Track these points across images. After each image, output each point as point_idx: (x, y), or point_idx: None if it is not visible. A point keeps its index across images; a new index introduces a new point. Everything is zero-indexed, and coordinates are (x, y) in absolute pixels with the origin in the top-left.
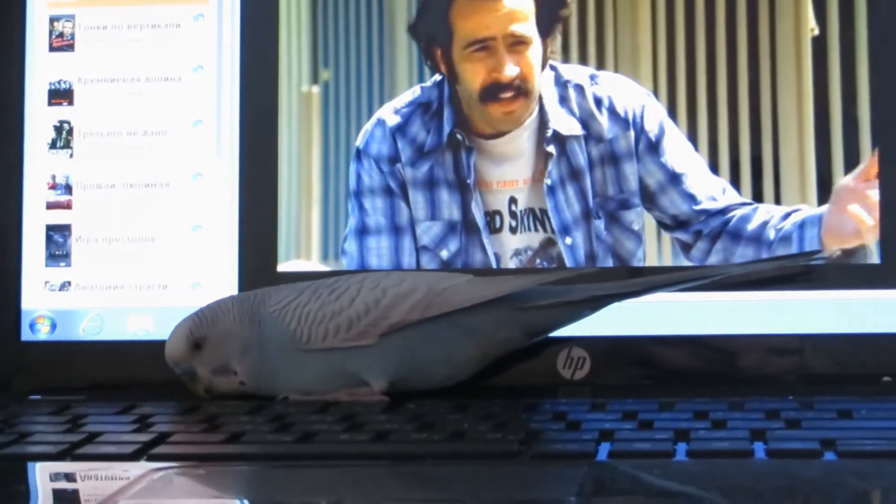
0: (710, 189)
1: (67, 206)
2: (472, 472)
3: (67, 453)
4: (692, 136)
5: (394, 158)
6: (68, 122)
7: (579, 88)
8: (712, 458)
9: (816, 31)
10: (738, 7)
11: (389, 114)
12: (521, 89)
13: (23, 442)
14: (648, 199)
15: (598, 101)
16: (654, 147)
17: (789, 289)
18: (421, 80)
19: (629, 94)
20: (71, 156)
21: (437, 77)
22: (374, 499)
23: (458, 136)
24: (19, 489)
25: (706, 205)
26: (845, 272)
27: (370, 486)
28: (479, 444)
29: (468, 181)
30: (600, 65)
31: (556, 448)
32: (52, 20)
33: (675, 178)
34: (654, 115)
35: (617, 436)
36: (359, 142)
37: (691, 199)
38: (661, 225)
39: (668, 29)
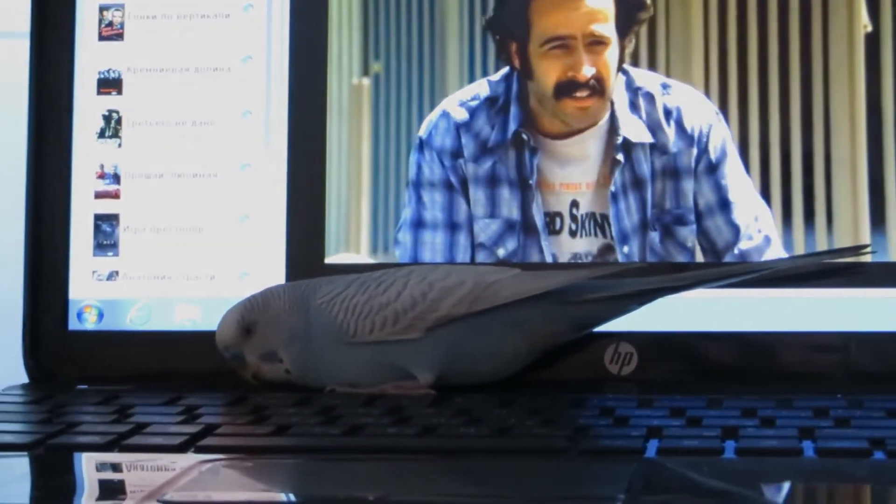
0: (751, 220)
1: (116, 195)
2: (518, 468)
3: (115, 444)
4: (743, 135)
5: (456, 153)
6: (117, 112)
7: (650, 97)
8: (761, 457)
9: (869, 28)
10: (791, 5)
11: (454, 107)
12: (595, 90)
13: (70, 432)
14: (696, 219)
15: (668, 113)
16: (714, 169)
17: (836, 285)
18: (472, 73)
19: (698, 109)
20: (119, 145)
21: (505, 71)
22: (421, 493)
23: (524, 136)
24: (67, 480)
25: (743, 244)
26: (893, 269)
27: (416, 480)
28: (527, 439)
29: (530, 181)
30: (651, 65)
31: (604, 444)
32: (102, 9)
33: (724, 205)
34: (719, 136)
35: (665, 432)
36: (422, 132)
37: (735, 230)
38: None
39: (720, 26)
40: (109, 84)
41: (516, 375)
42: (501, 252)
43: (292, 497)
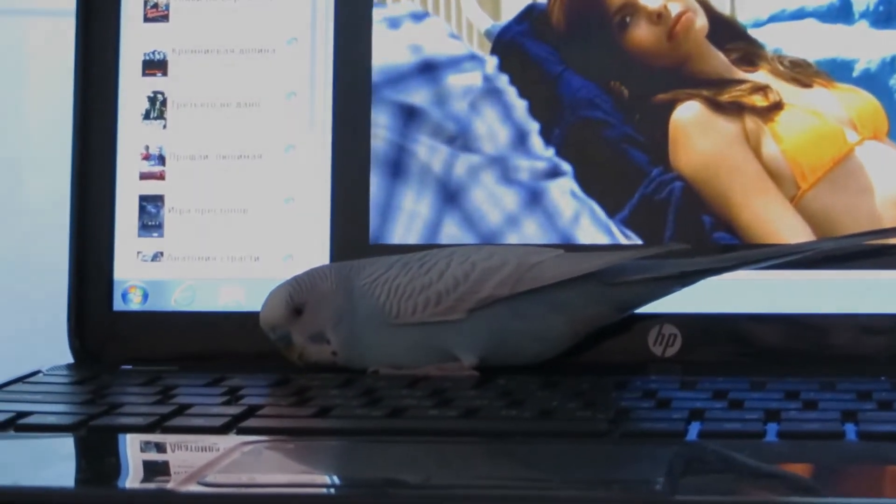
0: None
1: (160, 176)
2: (560, 451)
3: (157, 425)
4: None
5: None
6: (162, 93)
7: None
8: (802, 440)
9: None
10: None
11: None
12: None
13: (113, 413)
14: None
15: None
16: None
17: (882, 267)
18: None
19: None
20: (164, 126)
21: None
22: (463, 476)
23: None
24: (108, 462)
25: None
26: None
27: (458, 463)
28: (568, 422)
29: None
30: None
31: (646, 427)
32: None
33: None
34: None
35: (707, 415)
36: None
37: None
38: None
39: None
40: (154, 65)
41: (560, 357)
42: None
43: (333, 479)
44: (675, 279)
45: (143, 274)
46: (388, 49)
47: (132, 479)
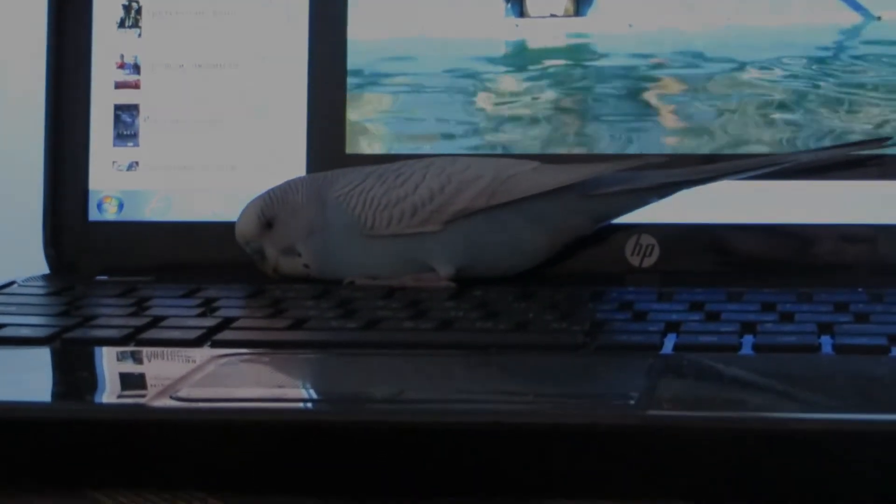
0: None
1: (136, 85)
2: (535, 364)
3: (131, 338)
4: None
5: None
6: (136, 1)
7: None
8: (778, 353)
9: None
10: None
11: None
12: None
13: (87, 325)
14: None
15: None
16: None
17: (860, 178)
18: None
19: None
20: (139, 35)
21: None
22: (437, 389)
23: None
24: (81, 375)
25: None
26: None
27: (433, 375)
28: (544, 334)
29: None
30: None
31: (622, 339)
32: None
33: None
34: None
35: (683, 328)
36: None
37: None
38: None
39: None
40: None
41: (537, 268)
42: None
43: (307, 394)
44: (654, 191)
45: (118, 184)
46: None
47: (105, 393)
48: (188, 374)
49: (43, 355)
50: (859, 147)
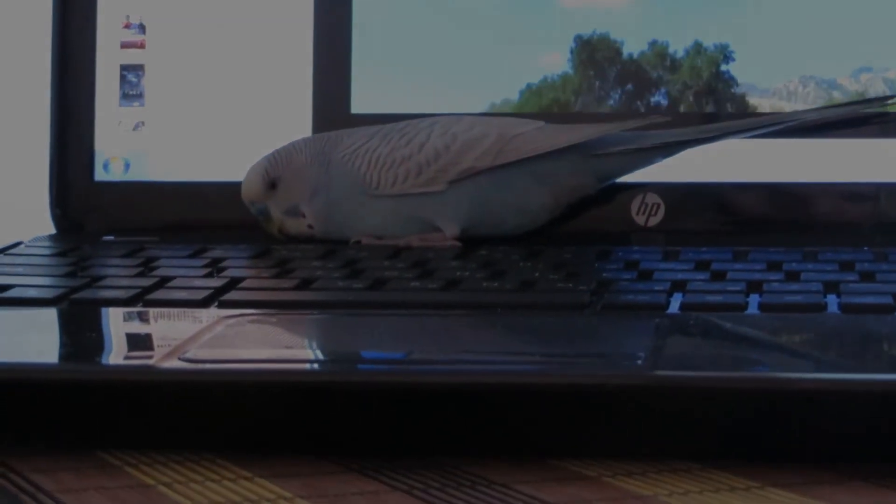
0: None
1: (141, 45)
2: (542, 324)
3: (139, 298)
4: None
5: None
6: None
7: None
8: (784, 313)
9: None
10: None
11: None
12: None
13: (95, 286)
14: None
15: None
16: None
17: (865, 136)
18: None
19: None
20: None
21: None
22: (443, 350)
23: None
24: (88, 337)
25: None
26: None
27: (440, 336)
28: (550, 294)
29: None
30: None
31: (627, 299)
32: None
33: None
34: None
35: (689, 287)
36: None
37: None
38: None
39: None
40: None
41: (543, 227)
42: None
43: (314, 355)
44: (659, 150)
45: (124, 144)
46: None
47: (113, 355)
48: (196, 336)
49: (51, 316)
50: (865, 105)
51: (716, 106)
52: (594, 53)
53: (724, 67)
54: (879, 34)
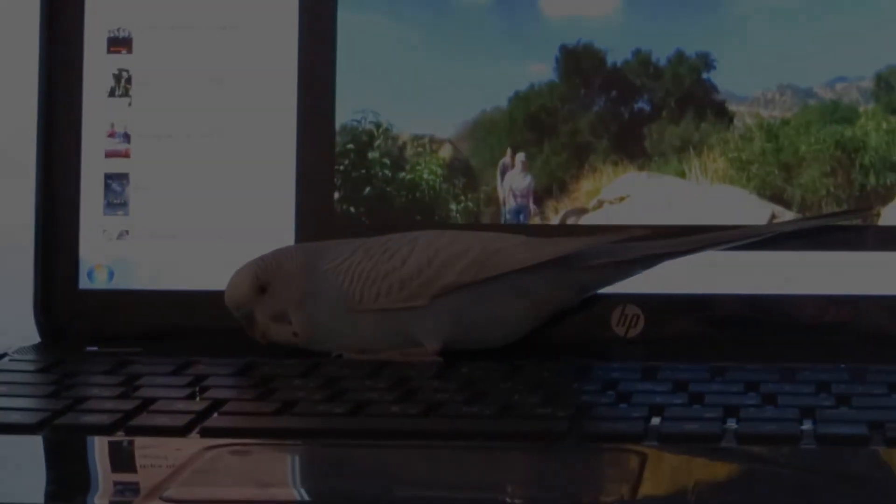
0: None
1: (126, 154)
2: (518, 459)
3: (120, 425)
4: None
5: None
6: (127, 71)
7: None
8: (759, 444)
9: None
10: None
11: None
12: None
13: (77, 409)
14: None
15: None
16: None
17: (842, 248)
18: None
19: None
20: (130, 104)
21: None
22: (423, 487)
23: None
24: (71, 470)
25: None
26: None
27: (419, 471)
28: (529, 421)
29: None
30: None
31: (605, 428)
32: None
33: None
34: None
35: (667, 413)
36: None
37: None
38: None
39: None
40: (119, 43)
41: (524, 338)
42: None
43: (294, 493)
44: (638, 263)
45: (108, 252)
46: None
47: (97, 495)
48: (177, 471)
49: (33, 445)
50: (841, 217)
51: (696, 113)
52: (579, 62)
53: (704, 75)
54: (854, 45)
